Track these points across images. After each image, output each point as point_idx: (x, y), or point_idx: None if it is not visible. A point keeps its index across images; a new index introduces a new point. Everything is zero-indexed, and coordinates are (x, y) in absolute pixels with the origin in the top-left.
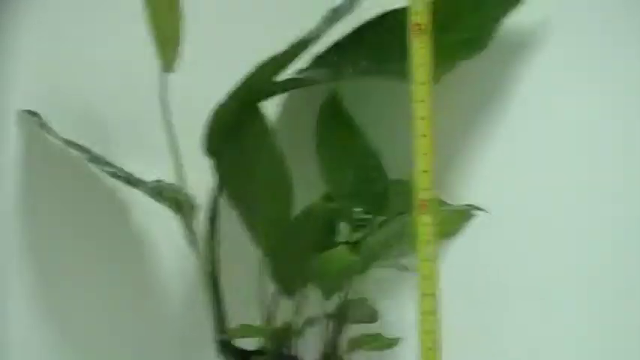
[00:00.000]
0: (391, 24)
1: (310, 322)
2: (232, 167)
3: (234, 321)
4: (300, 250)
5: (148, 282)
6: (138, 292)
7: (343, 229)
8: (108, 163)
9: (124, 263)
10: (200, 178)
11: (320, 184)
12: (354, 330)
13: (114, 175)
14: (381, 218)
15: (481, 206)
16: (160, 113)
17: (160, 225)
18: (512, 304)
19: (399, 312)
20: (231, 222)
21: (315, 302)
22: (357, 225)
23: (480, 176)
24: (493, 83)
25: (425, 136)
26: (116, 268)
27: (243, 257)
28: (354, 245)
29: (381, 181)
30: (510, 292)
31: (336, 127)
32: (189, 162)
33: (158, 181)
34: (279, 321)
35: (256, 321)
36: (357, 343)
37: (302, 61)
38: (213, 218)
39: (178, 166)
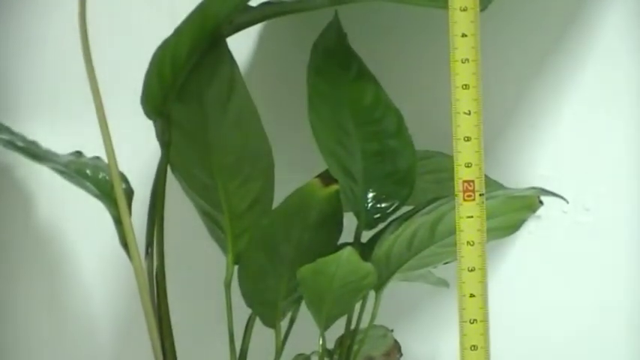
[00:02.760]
0: None
1: None
2: (185, 135)
3: None
4: (285, 256)
5: (64, 305)
6: (51, 319)
7: (350, 224)
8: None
9: (28, 276)
10: (138, 152)
11: (314, 158)
12: None
13: (9, 144)
14: (406, 208)
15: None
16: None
17: (79, 220)
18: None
19: (432, 346)
20: (183, 215)
21: (307, 333)
22: (371, 218)
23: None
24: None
25: (467, 86)
26: (20, 284)
27: (201, 267)
28: (366, 247)
29: (405, 153)
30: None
31: (338, 74)
32: (122, 128)
33: (76, 153)
34: None
35: None
36: None
37: None
38: (156, 209)
39: (105, 135)
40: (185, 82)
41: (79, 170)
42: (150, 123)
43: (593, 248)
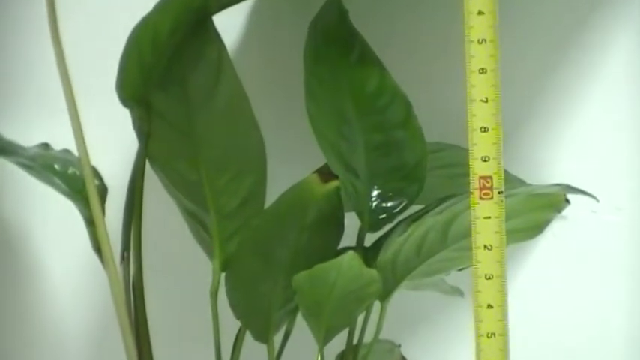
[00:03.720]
0: None
1: None
2: (167, 124)
3: None
4: (280, 262)
5: (31, 316)
6: (16, 332)
7: (352, 225)
8: None
9: None
10: (112, 144)
11: (312, 152)
12: None
13: None
14: (415, 207)
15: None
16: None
17: (47, 221)
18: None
19: None
20: (163, 215)
21: (304, 348)
22: (375, 218)
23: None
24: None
25: (484, 71)
26: None
27: (184, 275)
28: (370, 252)
29: (414, 145)
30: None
31: (338, 56)
32: (95, 117)
33: (43, 146)
34: None
35: None
36: None
37: None
38: (133, 209)
39: (76, 125)
40: (167, 66)
41: (46, 165)
42: (126, 111)
43: (626, 252)
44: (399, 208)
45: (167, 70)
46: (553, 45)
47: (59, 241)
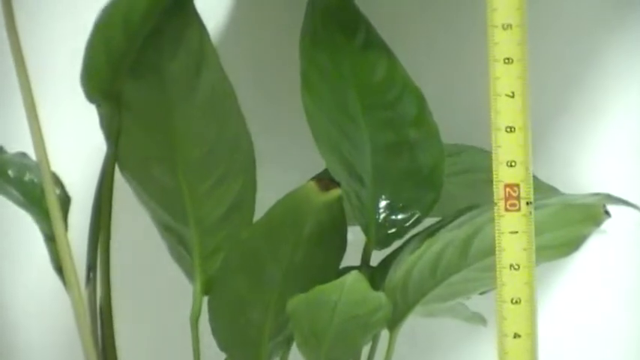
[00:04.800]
0: None
1: None
2: (140, 122)
3: None
4: (272, 283)
5: None
6: None
7: (356, 241)
8: None
9: None
10: (76, 146)
11: (310, 154)
12: None
13: None
14: (430, 220)
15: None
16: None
17: (2, 237)
18: None
19: None
20: (136, 229)
21: None
22: (383, 233)
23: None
24: None
25: (510, 61)
26: None
27: (160, 298)
28: (378, 272)
29: (428, 146)
30: None
31: (340, 42)
32: (56, 115)
33: None
34: None
35: None
36: None
37: None
38: (100, 222)
39: (33, 124)
40: (140, 53)
41: None
42: (92, 108)
43: None
44: (411, 221)
45: (140, 58)
46: (589, 30)
47: (14, 260)
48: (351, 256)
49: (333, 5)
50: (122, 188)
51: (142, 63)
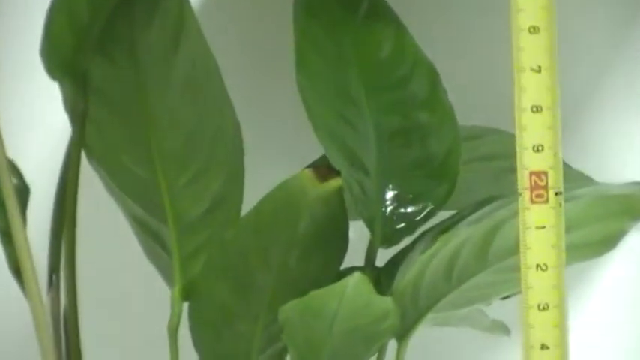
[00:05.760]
0: None
1: None
2: (110, 104)
3: None
4: (262, 288)
5: None
6: None
7: (359, 239)
8: None
9: None
10: (36, 130)
11: (307, 140)
12: None
13: None
14: (445, 214)
15: None
16: None
17: None
18: None
19: None
20: (105, 225)
21: None
22: (391, 228)
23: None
24: None
25: (536, 29)
26: None
27: (134, 305)
28: (384, 274)
29: (442, 130)
30: None
31: (340, 12)
32: (12, 94)
33: None
34: None
35: None
36: None
37: None
38: (64, 217)
39: None
40: (110, 23)
41: None
42: (55, 86)
43: None
44: (422, 215)
45: (109, 30)
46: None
47: None
48: (354, 257)
49: None
50: (89, 178)
51: (110, 35)
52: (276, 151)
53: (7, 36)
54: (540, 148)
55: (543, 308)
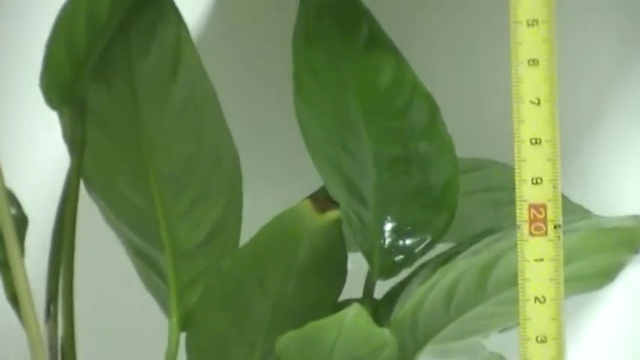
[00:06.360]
0: None
1: None
2: (107, 132)
3: None
4: (259, 318)
5: None
6: None
7: (358, 270)
8: None
9: None
10: (35, 159)
11: (306, 169)
12: None
13: None
14: (443, 246)
15: None
16: None
17: None
18: None
19: None
20: (103, 254)
21: None
22: (389, 260)
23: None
24: None
25: (536, 62)
26: None
27: (132, 335)
28: (383, 305)
29: (441, 161)
30: None
31: (339, 40)
32: (11, 123)
33: None
34: None
35: None
36: None
37: None
38: (62, 246)
39: None
40: (107, 52)
41: None
42: (54, 115)
43: None
44: (420, 247)
45: (107, 58)
46: (627, 29)
47: None
48: (352, 288)
49: None
50: (87, 207)
51: (108, 63)
52: (275, 181)
53: (7, 65)
54: (539, 181)
55: (542, 341)
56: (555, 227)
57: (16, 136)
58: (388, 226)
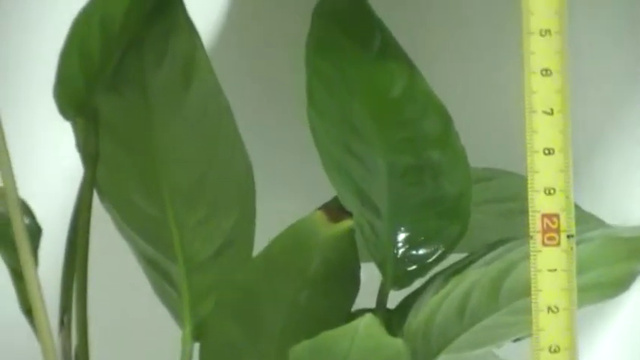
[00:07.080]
0: None
1: None
2: (121, 143)
3: None
4: (272, 329)
5: None
6: None
7: (371, 280)
8: None
9: None
10: (49, 169)
11: (319, 179)
12: None
13: None
14: (456, 256)
15: None
16: None
17: None
18: None
19: None
20: (116, 265)
21: None
22: (402, 270)
23: None
24: None
25: (549, 72)
26: None
27: (145, 345)
28: (396, 315)
29: (454, 171)
30: None
31: (352, 50)
32: (24, 133)
33: None
34: None
35: None
36: None
37: None
38: (75, 257)
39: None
40: (121, 63)
41: None
42: (67, 125)
43: None
44: (434, 257)
45: (120, 69)
46: (637, 39)
47: None
48: (365, 299)
49: (343, 8)
50: (101, 218)
51: (121, 74)
52: (288, 192)
53: (20, 76)
54: (552, 191)
55: (554, 351)
56: (568, 237)
57: (30, 146)
58: (401, 236)
